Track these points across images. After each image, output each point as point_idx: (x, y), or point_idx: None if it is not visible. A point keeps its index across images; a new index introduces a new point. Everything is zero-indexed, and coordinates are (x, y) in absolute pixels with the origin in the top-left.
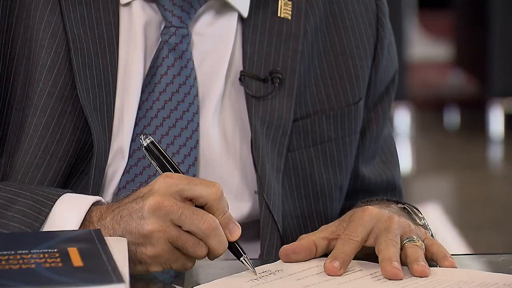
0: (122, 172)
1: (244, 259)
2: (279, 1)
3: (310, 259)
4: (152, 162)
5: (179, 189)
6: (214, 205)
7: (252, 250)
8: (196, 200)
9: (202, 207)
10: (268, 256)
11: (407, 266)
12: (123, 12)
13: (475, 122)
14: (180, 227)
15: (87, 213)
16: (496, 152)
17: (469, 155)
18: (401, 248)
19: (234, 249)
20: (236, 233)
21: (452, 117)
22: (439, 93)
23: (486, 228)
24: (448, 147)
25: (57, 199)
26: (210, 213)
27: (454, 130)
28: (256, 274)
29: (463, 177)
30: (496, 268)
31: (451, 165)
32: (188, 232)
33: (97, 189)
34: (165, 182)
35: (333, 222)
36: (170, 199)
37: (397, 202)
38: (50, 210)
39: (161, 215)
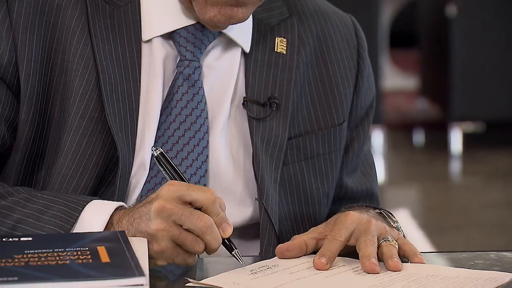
0: (144, 182)
1: (235, 253)
2: (276, 39)
3: (301, 256)
4: (161, 169)
5: (180, 195)
6: (209, 207)
7: (253, 248)
8: (194, 204)
9: (199, 209)
10: (266, 253)
11: (383, 262)
12: (145, 48)
13: (438, 141)
14: (181, 226)
15: (110, 217)
16: (455, 166)
17: (433, 169)
18: (378, 247)
19: (226, 244)
20: (228, 230)
21: (419, 137)
22: (407, 117)
23: (448, 230)
24: (415, 162)
25: (85, 205)
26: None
27: (420, 147)
28: (244, 265)
29: (428, 187)
30: (457, 264)
31: (418, 177)
32: (187, 230)
33: (122, 197)
34: (169, 189)
35: (320, 225)
36: (172, 203)
37: (374, 208)
38: (79, 214)
39: (164, 216)
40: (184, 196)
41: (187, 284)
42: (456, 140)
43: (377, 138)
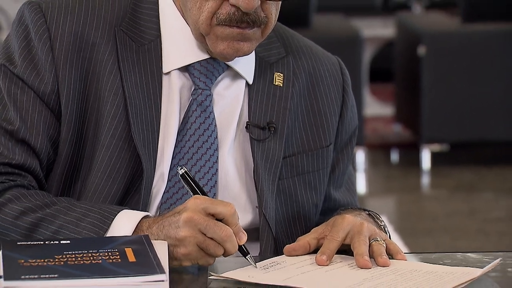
0: (163, 191)
1: (248, 257)
2: (274, 73)
3: (305, 254)
4: (186, 186)
5: (205, 207)
6: (229, 219)
7: (253, 248)
8: (216, 215)
9: (220, 220)
10: (265, 253)
11: (373, 258)
12: (165, 79)
13: (411, 159)
14: (204, 234)
15: (137, 224)
16: (425, 180)
17: (406, 182)
18: (369, 246)
19: (242, 250)
20: (243, 238)
21: (395, 156)
22: (385, 139)
23: (419, 234)
24: (392, 177)
25: (116, 214)
26: (226, 225)
27: (396, 164)
28: (257, 268)
29: (402, 197)
30: (429, 263)
31: (394, 189)
32: (210, 238)
33: (145, 204)
34: (195, 202)
35: (320, 226)
36: (198, 214)
37: (364, 210)
38: (111, 222)
39: (191, 225)
40: (209, 208)
41: (210, 277)
42: (425, 158)
43: (360, 157)
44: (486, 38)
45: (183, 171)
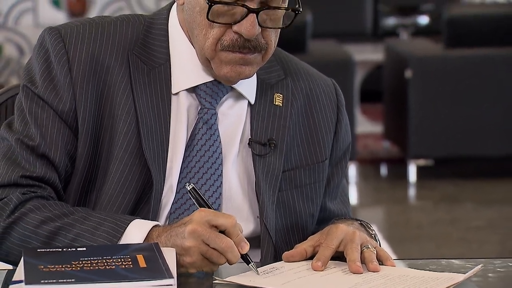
0: (172, 202)
1: (251, 265)
2: (274, 94)
3: (302, 260)
4: (193, 199)
5: (208, 219)
6: (230, 230)
7: (255, 255)
8: (219, 227)
9: (223, 231)
10: (265, 259)
11: (365, 264)
12: (174, 98)
13: (398, 173)
14: (208, 244)
15: (148, 233)
16: (412, 192)
17: (394, 194)
18: (361, 253)
19: (244, 258)
20: (245, 248)
21: (384, 170)
22: (375, 154)
23: (406, 242)
24: (381, 189)
25: (129, 223)
26: (227, 236)
27: (385, 178)
28: (259, 275)
29: (391, 208)
30: (415, 268)
31: (383, 200)
32: (213, 248)
33: (155, 213)
34: (200, 214)
35: (316, 234)
36: (202, 226)
37: (356, 220)
38: (124, 230)
39: (195, 236)
40: (212, 221)
41: (214, 281)
42: (412, 172)
43: (352, 171)
44: (467, 63)
45: (191, 187)
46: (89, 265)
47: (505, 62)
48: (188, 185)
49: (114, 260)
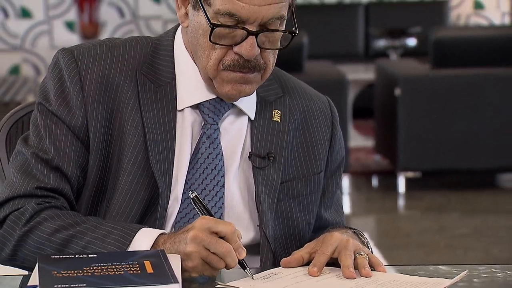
0: (177, 211)
1: (247, 270)
2: (273, 111)
3: (299, 266)
4: (195, 208)
5: (209, 226)
6: (229, 236)
7: (255, 261)
8: (219, 234)
9: (223, 237)
10: (265, 265)
11: (358, 270)
12: (179, 115)
13: (388, 185)
14: (208, 250)
15: (155, 240)
16: (401, 202)
17: (385, 204)
18: (354, 259)
19: (241, 264)
20: (243, 254)
21: (375, 181)
22: (366, 167)
23: (396, 249)
24: (372, 199)
25: (137, 232)
26: (227, 242)
27: (376, 189)
28: (254, 280)
29: (381, 217)
30: (406, 274)
31: (374, 210)
32: (213, 253)
33: (161, 222)
34: (201, 222)
35: (312, 241)
36: (203, 232)
37: (350, 228)
38: (132, 238)
39: (197, 242)
40: (212, 228)
41: (217, 286)
42: (401, 184)
43: (345, 182)
44: (452, 82)
45: (194, 195)
46: (100, 270)
47: (487, 82)
48: (191, 194)
49: (123, 266)
